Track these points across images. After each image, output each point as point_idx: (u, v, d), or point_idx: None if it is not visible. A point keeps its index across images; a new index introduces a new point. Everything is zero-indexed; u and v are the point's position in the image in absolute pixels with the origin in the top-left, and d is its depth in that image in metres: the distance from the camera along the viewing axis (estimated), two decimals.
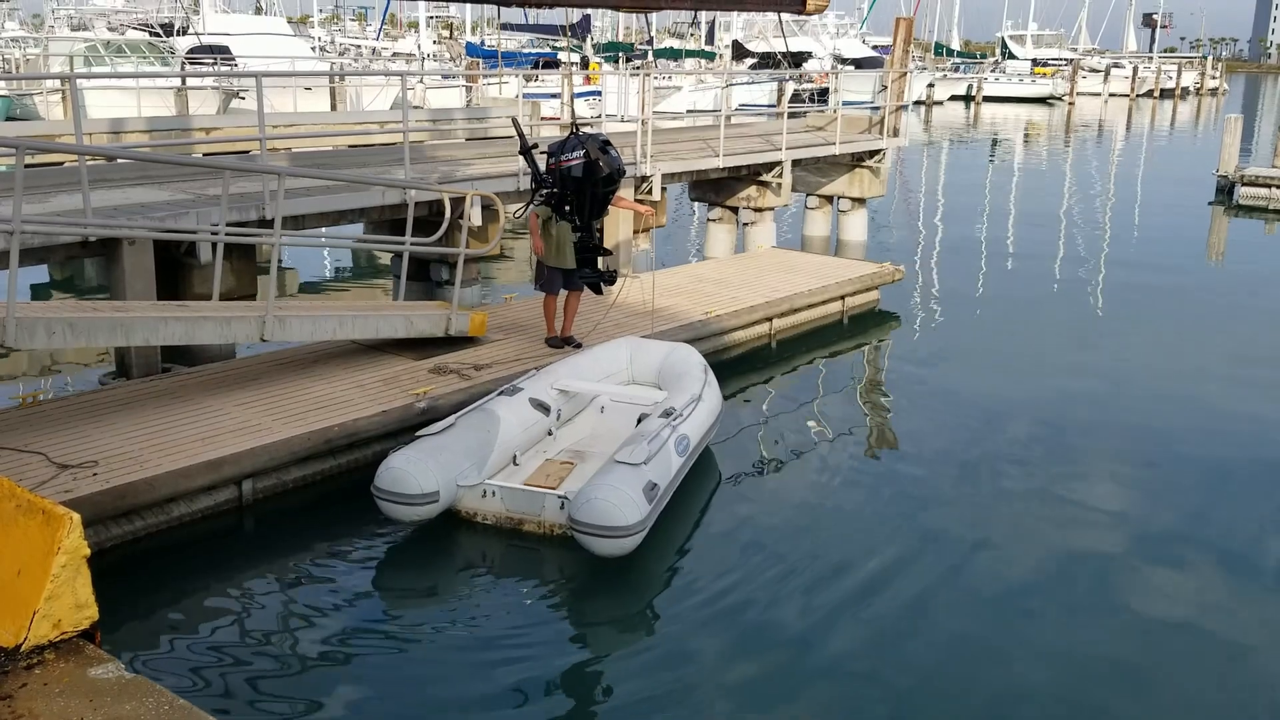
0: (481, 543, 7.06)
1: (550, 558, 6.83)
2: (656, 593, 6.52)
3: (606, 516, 6.35)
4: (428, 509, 6.79)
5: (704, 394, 8.09)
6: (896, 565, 6.85)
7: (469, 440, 7.21)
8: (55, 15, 37.74)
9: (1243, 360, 11.75)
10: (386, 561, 6.81)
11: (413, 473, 6.74)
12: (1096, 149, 40.37)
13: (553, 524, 6.98)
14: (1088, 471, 8.53)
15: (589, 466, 7.54)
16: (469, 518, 7.15)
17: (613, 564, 6.55)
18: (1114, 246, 19.06)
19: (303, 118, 20.71)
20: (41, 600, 4.21)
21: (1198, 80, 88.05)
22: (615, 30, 59.37)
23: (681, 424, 7.48)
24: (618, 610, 6.42)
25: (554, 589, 6.55)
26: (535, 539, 6.99)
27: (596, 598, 6.51)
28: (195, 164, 10.66)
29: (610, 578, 6.60)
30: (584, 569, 6.62)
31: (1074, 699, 5.51)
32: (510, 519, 7.09)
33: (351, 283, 15.59)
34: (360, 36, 56.36)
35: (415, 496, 6.72)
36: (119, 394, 8.22)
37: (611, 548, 6.44)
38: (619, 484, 6.51)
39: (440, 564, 6.85)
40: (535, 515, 7.02)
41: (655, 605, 6.38)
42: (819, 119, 19.68)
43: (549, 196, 9.21)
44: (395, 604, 6.34)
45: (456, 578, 6.73)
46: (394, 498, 6.74)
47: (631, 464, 6.70)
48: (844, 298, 13.08)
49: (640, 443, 6.98)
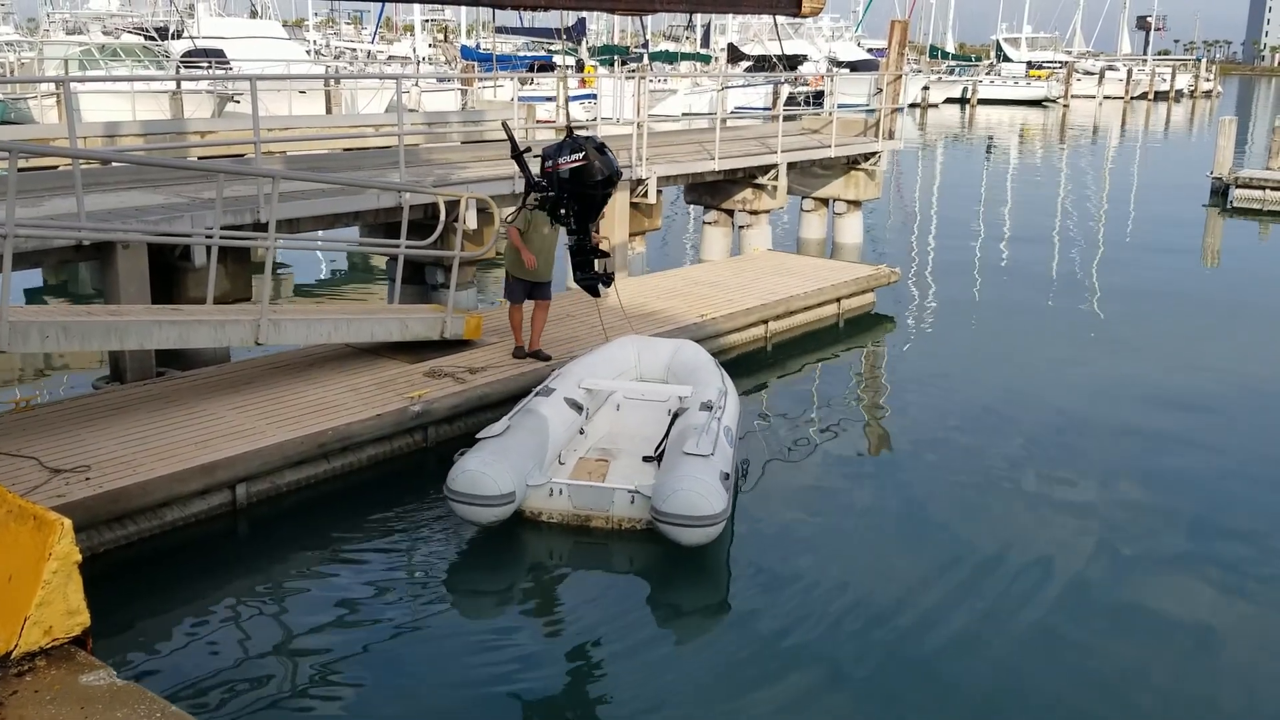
0: (480, 542, 7.05)
1: (619, 552, 6.81)
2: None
3: (693, 507, 6.51)
4: (504, 509, 6.84)
5: (728, 387, 8.35)
6: (895, 564, 6.85)
7: (529, 441, 7.29)
8: (50, 19, 37.65)
9: (1238, 362, 11.75)
10: (382, 564, 6.78)
11: (489, 474, 6.77)
12: (1091, 151, 40.44)
13: (621, 518, 7.11)
14: (1084, 473, 8.52)
15: (621, 463, 7.79)
16: (534, 517, 7.20)
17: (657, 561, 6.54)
18: (1109, 249, 19.08)
19: (298, 121, 20.69)
20: (33, 606, 4.17)
21: (1192, 83, 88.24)
22: (610, 33, 59.43)
23: (724, 416, 7.70)
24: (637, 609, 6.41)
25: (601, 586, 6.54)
26: (598, 534, 7.08)
27: (607, 597, 6.50)
28: (190, 167, 10.66)
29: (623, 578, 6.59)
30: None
31: (1075, 699, 5.50)
32: (577, 516, 7.17)
33: (346, 286, 15.56)
34: (355, 40, 56.31)
35: (494, 498, 6.76)
36: (113, 398, 8.19)
37: (699, 536, 6.61)
38: (699, 475, 6.70)
39: (437, 564, 6.83)
40: (604, 511, 7.13)
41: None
42: (814, 122, 19.70)
43: (544, 200, 9.17)
44: (393, 606, 6.31)
45: (455, 577, 6.70)
46: (472, 500, 6.75)
47: (703, 455, 6.92)
48: (839, 300, 13.08)
49: (700, 435, 7.16)
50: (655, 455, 7.80)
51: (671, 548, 6.72)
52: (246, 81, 14.77)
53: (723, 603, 6.57)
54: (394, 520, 7.36)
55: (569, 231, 9.19)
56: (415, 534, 7.22)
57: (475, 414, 8.74)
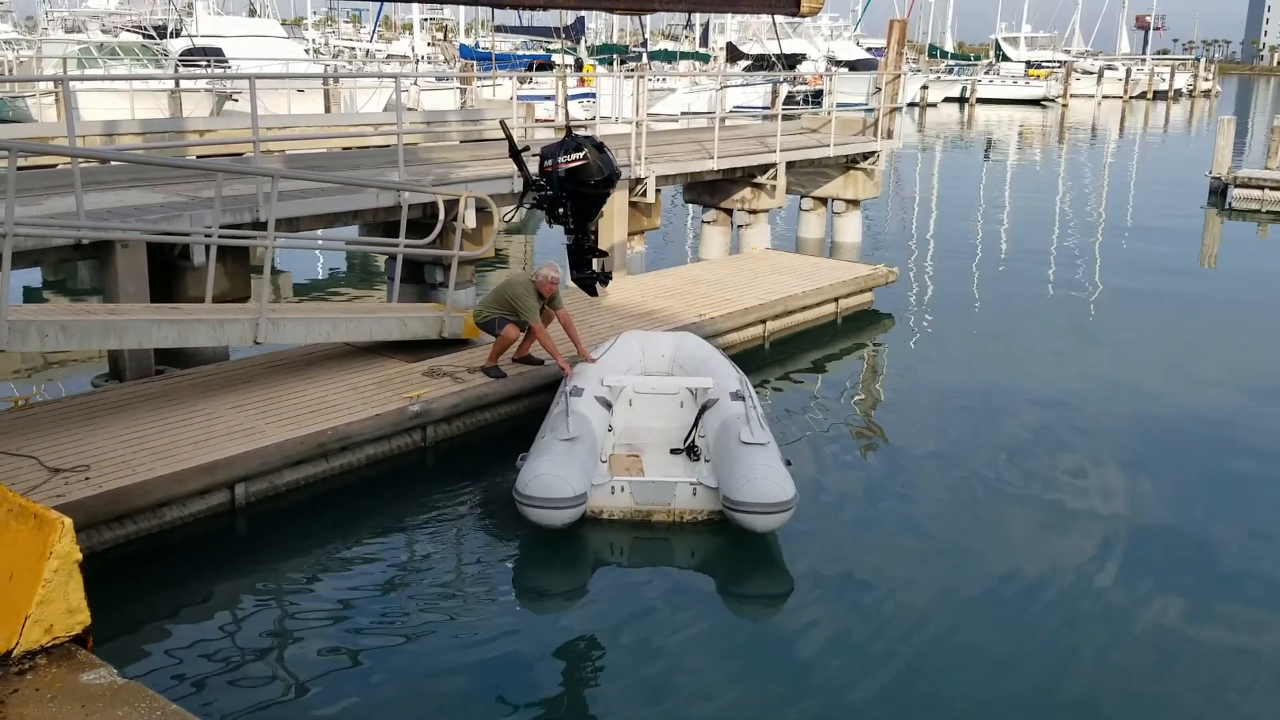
0: (482, 542, 7.06)
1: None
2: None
3: (768, 494, 6.71)
4: (577, 510, 6.87)
5: (742, 375, 8.51)
6: (893, 565, 6.86)
7: (585, 441, 7.34)
8: (49, 17, 37.62)
9: (1237, 362, 11.77)
10: (382, 563, 6.79)
11: (561, 475, 6.80)
12: (1090, 151, 40.45)
13: (683, 511, 7.22)
14: (1081, 474, 8.53)
15: (651, 456, 7.87)
16: (594, 515, 7.23)
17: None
18: (1107, 249, 19.08)
19: (297, 120, 20.66)
20: (33, 605, 4.19)
21: (1190, 82, 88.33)
22: (610, 32, 59.35)
23: (755, 404, 7.90)
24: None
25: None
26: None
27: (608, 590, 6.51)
28: (189, 166, 10.65)
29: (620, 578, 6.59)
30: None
31: (1075, 701, 5.52)
32: (639, 512, 7.25)
33: (345, 285, 15.56)
34: (354, 39, 56.30)
35: (568, 500, 6.79)
36: (112, 397, 8.19)
37: (774, 522, 6.80)
38: (767, 462, 6.89)
39: (438, 563, 6.84)
40: (666, 504, 7.22)
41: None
42: (813, 121, 19.71)
43: (542, 199, 9.17)
44: (392, 605, 6.31)
45: (456, 576, 6.71)
46: (547, 503, 6.76)
47: (762, 444, 7.11)
48: (838, 299, 13.09)
49: (751, 424, 7.36)
50: (685, 447, 7.88)
51: (737, 535, 6.92)
52: (245, 80, 14.77)
53: (786, 591, 6.64)
54: (393, 520, 7.37)
55: (566, 231, 9.20)
56: (415, 533, 7.23)
57: (474, 414, 8.76)
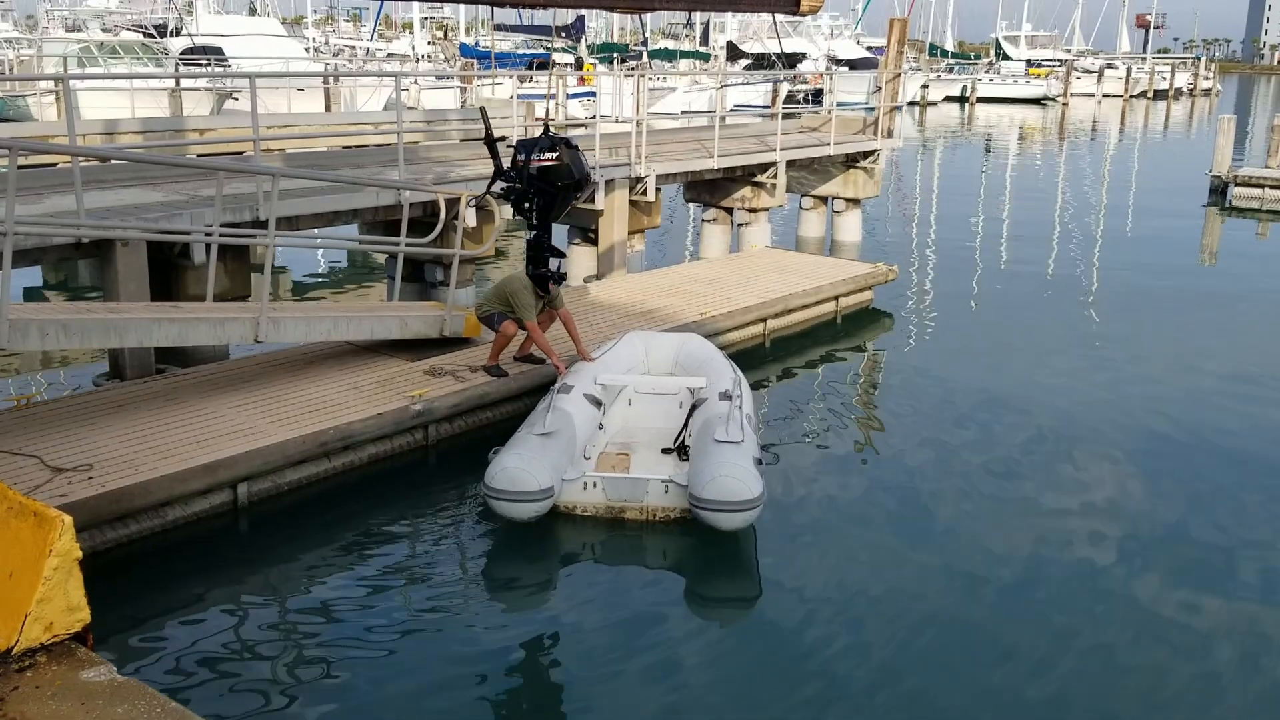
0: (484, 542, 7.06)
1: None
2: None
3: (732, 492, 6.67)
4: (543, 504, 6.89)
5: (739, 377, 8.48)
6: (892, 564, 6.87)
7: (561, 437, 7.36)
8: (49, 16, 37.63)
9: (1236, 360, 11.77)
10: (383, 562, 6.79)
11: (529, 470, 6.83)
12: (1090, 150, 40.44)
13: (655, 508, 7.22)
14: (1081, 472, 8.54)
15: (641, 455, 7.90)
16: (568, 511, 7.27)
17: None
18: (1107, 247, 19.08)
19: (297, 119, 20.68)
20: (33, 603, 4.19)
21: (1191, 81, 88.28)
22: (610, 31, 59.37)
23: (744, 404, 7.83)
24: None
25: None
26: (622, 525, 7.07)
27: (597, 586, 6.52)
28: (189, 165, 10.64)
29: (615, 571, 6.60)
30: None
31: (1075, 700, 5.52)
32: (611, 509, 7.26)
33: (346, 284, 15.56)
34: (354, 37, 56.32)
35: (534, 493, 6.81)
36: (113, 395, 8.20)
37: (738, 521, 6.75)
38: (735, 461, 6.84)
39: (439, 562, 6.84)
40: (638, 502, 7.22)
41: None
42: (813, 120, 19.71)
43: (509, 191, 9.12)
44: (394, 604, 6.32)
45: (457, 575, 6.71)
46: (512, 496, 6.80)
47: (734, 442, 7.06)
48: (838, 298, 13.09)
49: (728, 423, 7.31)
50: (675, 446, 7.92)
51: (707, 534, 6.88)
52: (245, 79, 14.78)
53: (755, 594, 6.60)
54: (395, 519, 7.37)
55: (529, 226, 9.16)
56: (416, 532, 7.24)
57: (475, 412, 8.76)
